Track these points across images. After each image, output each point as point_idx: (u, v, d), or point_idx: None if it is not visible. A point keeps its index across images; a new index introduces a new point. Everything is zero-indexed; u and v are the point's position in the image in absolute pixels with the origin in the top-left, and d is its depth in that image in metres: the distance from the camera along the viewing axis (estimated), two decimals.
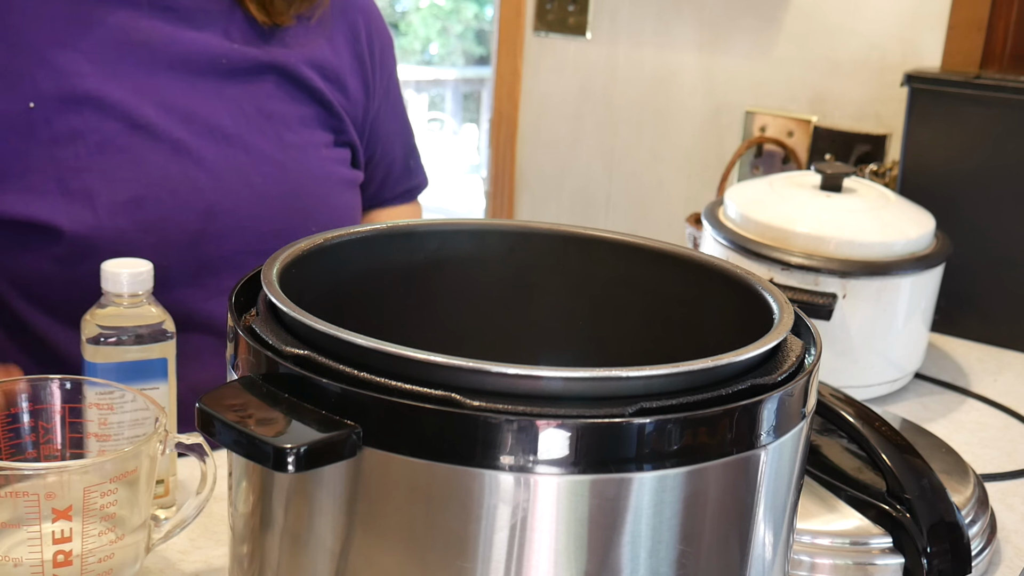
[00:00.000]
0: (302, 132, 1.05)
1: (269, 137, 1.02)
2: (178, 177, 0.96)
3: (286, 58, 1.04)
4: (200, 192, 0.97)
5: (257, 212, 1.00)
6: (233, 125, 1.00)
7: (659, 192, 1.96)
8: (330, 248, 0.63)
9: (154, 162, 0.95)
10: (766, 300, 0.58)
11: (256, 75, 1.02)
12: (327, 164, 1.07)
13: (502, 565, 0.47)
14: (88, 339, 0.77)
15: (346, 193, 1.09)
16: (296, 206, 1.03)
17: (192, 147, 0.97)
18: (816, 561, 0.77)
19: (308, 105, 1.05)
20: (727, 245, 1.15)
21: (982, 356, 1.32)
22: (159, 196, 0.95)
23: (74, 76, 0.93)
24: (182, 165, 0.96)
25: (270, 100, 1.03)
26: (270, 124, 1.02)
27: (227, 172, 0.98)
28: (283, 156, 1.02)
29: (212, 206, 0.97)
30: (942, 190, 1.35)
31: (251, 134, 1.01)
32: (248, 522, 0.54)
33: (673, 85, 1.90)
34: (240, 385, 0.49)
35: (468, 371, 0.46)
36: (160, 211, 0.95)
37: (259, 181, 1.00)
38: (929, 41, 1.62)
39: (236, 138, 0.99)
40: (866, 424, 0.80)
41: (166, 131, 0.96)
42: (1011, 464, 1.04)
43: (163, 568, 0.77)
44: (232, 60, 1.01)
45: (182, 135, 0.97)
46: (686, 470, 0.47)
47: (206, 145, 0.98)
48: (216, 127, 0.98)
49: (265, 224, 1.00)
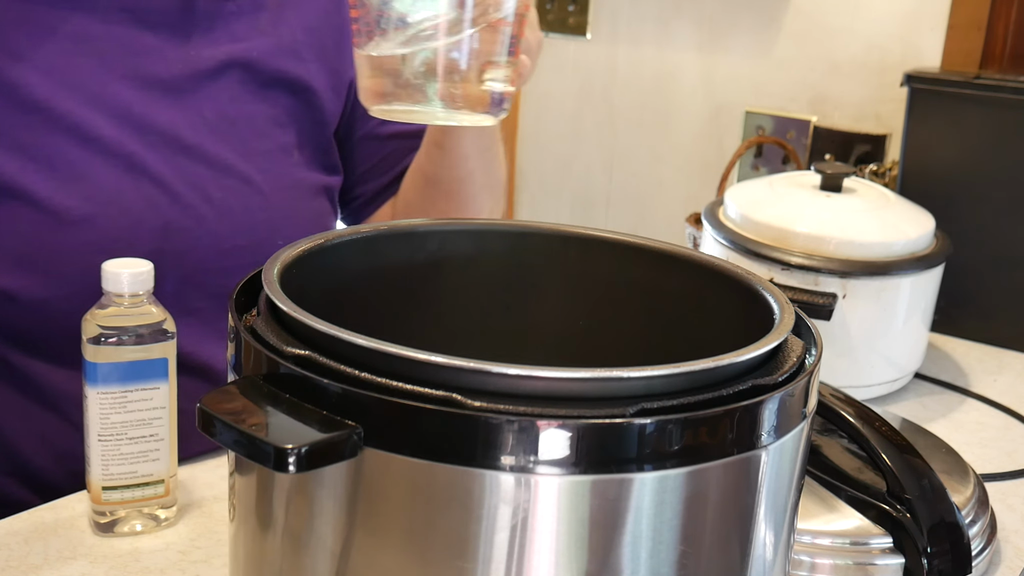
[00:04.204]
0: (271, 134, 1.00)
1: (232, 145, 0.97)
2: (132, 194, 0.91)
3: (248, 52, 0.98)
4: (155, 209, 0.92)
5: (218, 228, 0.95)
6: (193, 135, 0.94)
7: (659, 192, 1.96)
8: (330, 248, 0.63)
9: (106, 179, 0.90)
10: (766, 300, 0.58)
11: (218, 76, 0.97)
12: (295, 170, 1.02)
13: (503, 566, 0.47)
14: (88, 339, 0.77)
15: (315, 201, 1.04)
16: (260, 219, 0.97)
17: (148, 162, 0.92)
18: (816, 561, 0.77)
19: (278, 98, 1.00)
20: (727, 245, 1.15)
21: (982, 356, 1.32)
22: (110, 215, 0.90)
23: (23, 87, 0.88)
24: (136, 181, 0.91)
25: (234, 103, 0.98)
26: (233, 130, 0.97)
27: (185, 187, 0.93)
28: (247, 166, 0.97)
29: (169, 224, 0.92)
30: (942, 190, 1.35)
31: (213, 143, 0.95)
32: (248, 522, 0.54)
33: (673, 85, 1.90)
34: (241, 385, 0.50)
35: (469, 371, 0.46)
36: (113, 231, 0.90)
37: (220, 196, 0.95)
38: (929, 41, 1.62)
39: (195, 149, 0.94)
40: (866, 424, 0.80)
41: (119, 145, 0.91)
42: (1011, 464, 1.04)
43: (163, 568, 0.77)
44: (192, 63, 0.96)
45: (136, 148, 0.91)
46: (687, 470, 0.47)
47: (163, 159, 0.92)
48: (174, 138, 0.93)
49: (227, 240, 0.95)
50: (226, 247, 0.95)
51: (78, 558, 0.78)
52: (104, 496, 0.79)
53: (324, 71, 1.05)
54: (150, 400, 0.78)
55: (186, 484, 0.88)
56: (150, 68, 0.94)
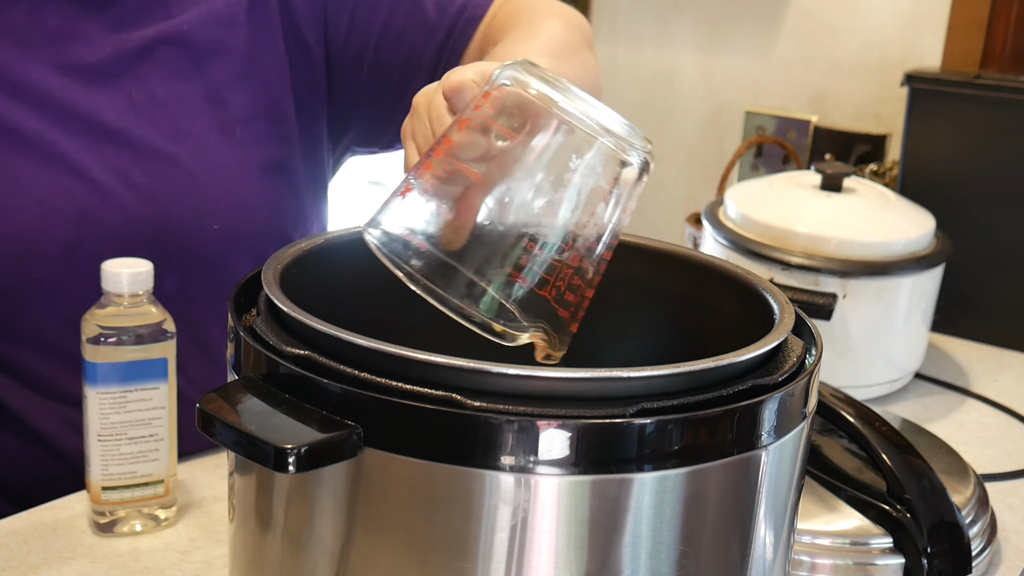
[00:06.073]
0: (206, 112, 0.94)
1: (160, 127, 0.92)
2: (49, 184, 0.88)
3: (178, 27, 0.94)
4: (72, 198, 0.88)
5: (141, 214, 0.90)
6: (117, 118, 0.91)
7: (659, 192, 1.96)
8: (330, 248, 0.63)
9: (22, 170, 0.88)
10: (766, 300, 0.58)
11: (147, 55, 0.92)
12: (235, 149, 0.95)
13: (502, 566, 0.47)
14: (88, 339, 0.77)
15: (261, 180, 0.97)
16: (189, 202, 0.92)
17: (67, 150, 0.89)
18: (816, 561, 0.77)
19: (213, 72, 0.95)
20: (727, 245, 1.15)
21: (982, 356, 1.32)
22: (24, 204, 0.87)
23: None
24: (53, 170, 0.88)
25: (164, 82, 0.93)
26: (163, 112, 0.93)
27: (106, 173, 0.90)
28: (175, 148, 0.92)
29: (86, 212, 0.88)
30: (942, 190, 1.35)
31: (139, 127, 0.91)
32: (248, 522, 0.54)
33: (673, 85, 1.90)
34: (240, 385, 0.49)
35: (468, 371, 0.46)
36: (27, 220, 0.87)
37: (144, 180, 0.91)
38: (929, 41, 1.62)
39: (119, 133, 0.90)
40: (866, 424, 0.80)
41: (37, 135, 0.88)
42: (1011, 464, 1.03)
43: (163, 568, 0.77)
44: (121, 45, 0.92)
45: (56, 136, 0.88)
46: (687, 471, 0.47)
47: (84, 146, 0.89)
48: (97, 124, 0.90)
49: (152, 228, 0.91)
50: (151, 234, 0.91)
51: (78, 558, 0.78)
52: (104, 496, 0.79)
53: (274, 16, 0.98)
54: (150, 400, 0.78)
55: (186, 484, 0.88)
56: (78, 54, 0.91)
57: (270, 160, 0.98)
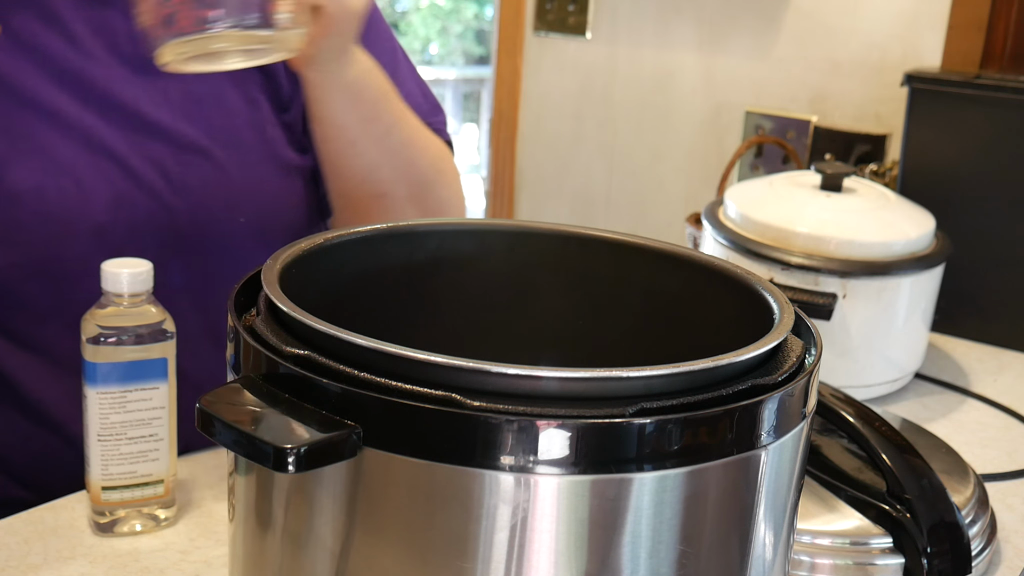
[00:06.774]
0: (241, 111, 0.99)
1: (195, 122, 0.96)
2: (86, 167, 0.91)
3: None
4: (108, 182, 0.92)
5: (172, 203, 0.94)
6: (155, 111, 0.94)
7: (659, 192, 1.96)
8: (330, 248, 0.63)
9: (62, 151, 0.91)
10: (766, 300, 0.58)
11: None
12: (264, 148, 1.00)
13: (502, 565, 0.47)
14: (88, 339, 0.77)
15: (285, 180, 1.02)
16: (219, 194, 0.97)
17: (105, 136, 0.92)
18: (816, 561, 0.77)
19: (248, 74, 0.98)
20: (727, 245, 1.15)
21: (982, 356, 1.32)
22: (62, 185, 0.90)
23: None
24: (92, 155, 0.92)
25: (200, 81, 0.97)
26: (198, 109, 0.97)
27: (141, 161, 0.93)
28: (208, 141, 0.97)
29: (121, 197, 0.92)
30: (942, 190, 1.35)
31: (175, 121, 0.96)
32: (248, 522, 0.54)
33: (673, 85, 1.90)
34: (240, 385, 0.49)
35: (468, 371, 0.46)
36: (62, 200, 0.90)
37: (177, 171, 0.95)
38: (929, 41, 1.62)
39: (155, 126, 0.94)
40: (866, 424, 0.80)
41: (78, 119, 0.91)
42: (1011, 464, 1.04)
43: (163, 568, 0.77)
44: None
45: (95, 123, 0.92)
46: (686, 470, 0.47)
47: (122, 135, 0.93)
48: (134, 114, 0.93)
49: (182, 216, 0.95)
50: (181, 223, 0.95)
51: (77, 558, 0.78)
52: (104, 496, 0.79)
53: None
54: (149, 400, 0.78)
55: (186, 484, 0.88)
56: (120, 47, 0.94)
57: (293, 164, 1.03)
